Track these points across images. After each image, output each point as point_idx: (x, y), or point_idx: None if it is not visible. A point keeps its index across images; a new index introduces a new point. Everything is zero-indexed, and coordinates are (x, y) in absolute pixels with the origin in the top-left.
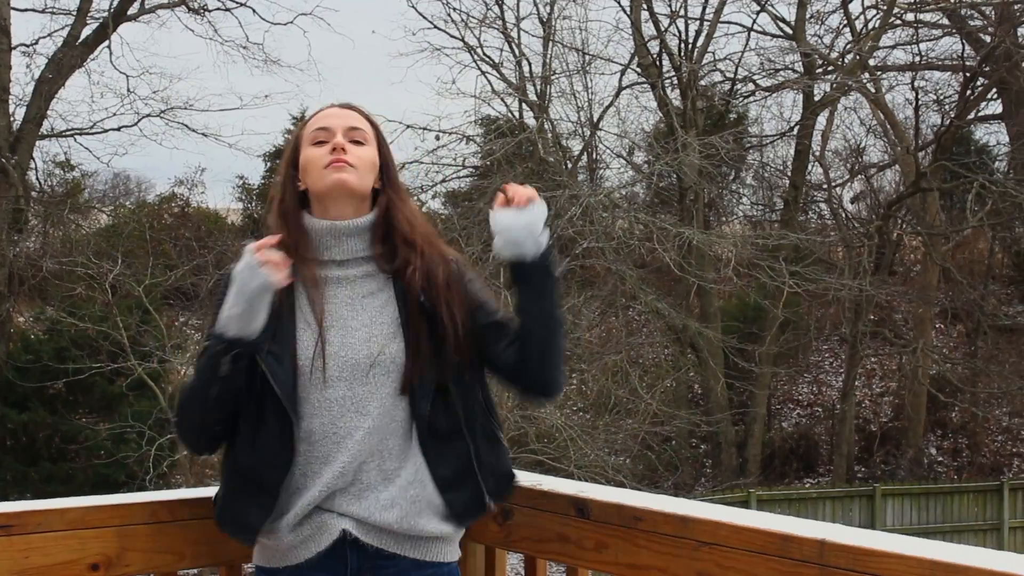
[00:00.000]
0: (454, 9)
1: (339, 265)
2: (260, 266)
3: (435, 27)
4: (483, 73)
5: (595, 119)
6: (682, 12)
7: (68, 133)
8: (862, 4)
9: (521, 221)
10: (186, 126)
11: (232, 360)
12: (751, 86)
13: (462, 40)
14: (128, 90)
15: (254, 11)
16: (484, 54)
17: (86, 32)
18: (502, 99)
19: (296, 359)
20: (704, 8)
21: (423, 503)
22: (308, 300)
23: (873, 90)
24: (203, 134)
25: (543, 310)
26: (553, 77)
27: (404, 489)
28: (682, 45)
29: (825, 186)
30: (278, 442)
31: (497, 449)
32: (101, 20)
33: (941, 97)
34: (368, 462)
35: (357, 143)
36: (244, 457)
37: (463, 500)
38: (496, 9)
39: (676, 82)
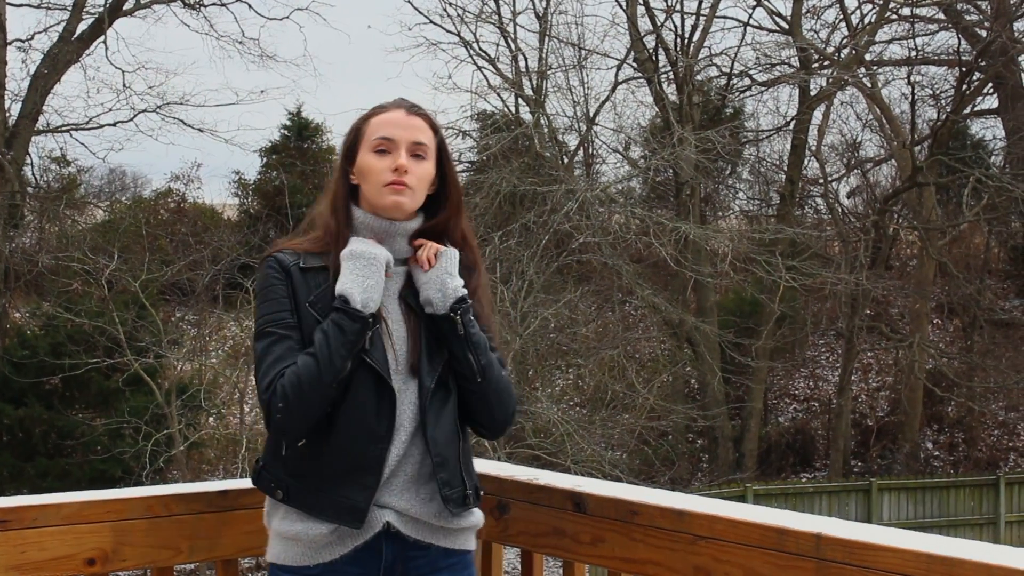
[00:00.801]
0: (450, 4)
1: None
2: (385, 253)
3: (431, 22)
4: (479, 68)
5: (591, 114)
6: (678, 7)
7: (64, 128)
8: None
9: (430, 278)
10: (182, 121)
11: (360, 336)
12: (747, 81)
13: (458, 35)
14: (124, 85)
15: (250, 6)
16: (480, 49)
17: (82, 27)
18: (498, 94)
19: (383, 341)
20: (700, 3)
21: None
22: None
23: (869, 85)
24: (199, 129)
25: (456, 358)
26: (549, 72)
27: (440, 483)
28: (678, 40)
29: (821, 181)
30: (383, 419)
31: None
32: (97, 15)
33: (937, 92)
34: (410, 455)
35: (418, 157)
36: (340, 436)
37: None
38: (492, 4)
39: (672, 77)
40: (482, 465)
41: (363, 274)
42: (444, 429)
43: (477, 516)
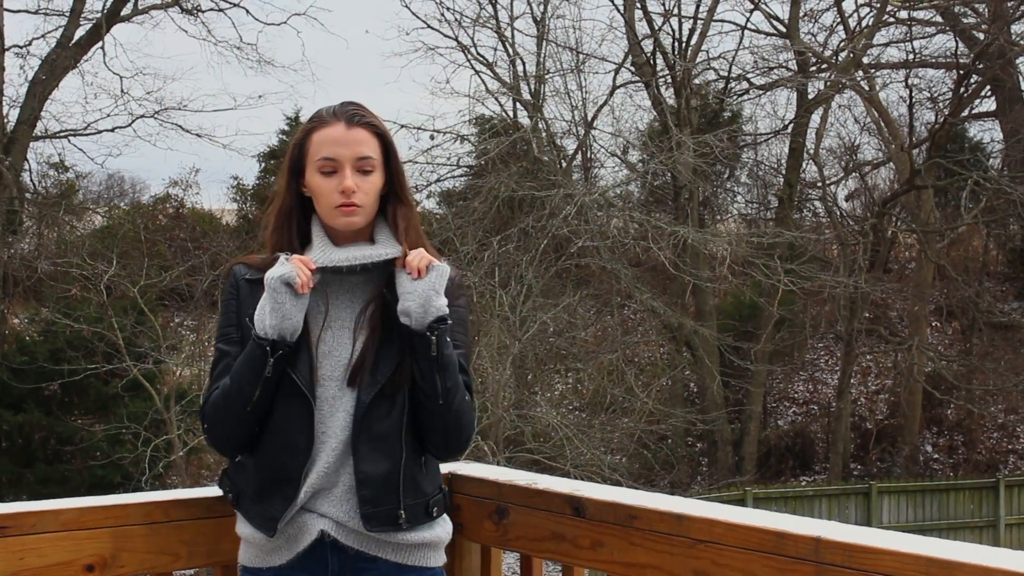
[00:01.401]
0: (448, 9)
1: (335, 271)
2: (289, 273)
3: (429, 27)
4: (477, 72)
5: (589, 118)
6: (676, 11)
7: (62, 134)
8: (855, 2)
9: (415, 289)
10: (180, 127)
11: (275, 362)
12: (745, 84)
13: (456, 40)
14: (122, 91)
15: (247, 11)
16: (478, 53)
17: (79, 33)
18: (496, 98)
19: (311, 354)
20: (698, 6)
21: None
22: (311, 300)
23: (867, 88)
24: (197, 135)
25: (422, 375)
26: (547, 76)
27: (361, 500)
28: (676, 44)
29: (820, 184)
30: (301, 433)
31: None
32: (94, 21)
33: (935, 94)
34: (348, 464)
35: (365, 172)
36: (269, 448)
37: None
38: (490, 8)
39: (670, 81)
40: (480, 470)
41: (267, 300)
42: (378, 444)
43: (436, 531)
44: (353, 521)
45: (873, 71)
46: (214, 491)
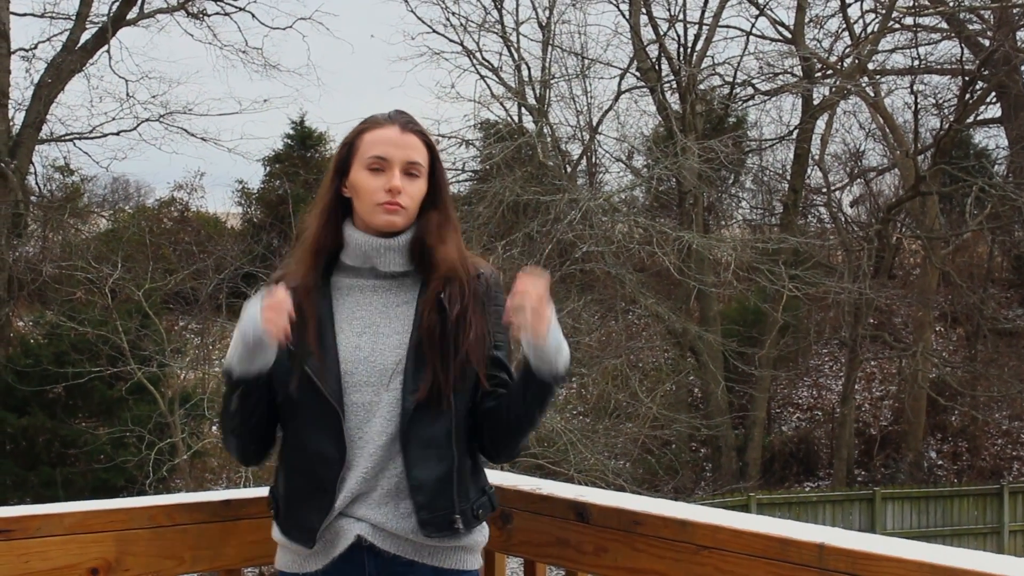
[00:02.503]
0: (453, 14)
1: (376, 275)
2: (263, 318)
3: (434, 31)
4: (482, 77)
5: (594, 123)
6: (681, 16)
7: (67, 138)
8: (861, 8)
9: (548, 343)
10: (185, 130)
11: (239, 397)
12: (750, 90)
13: (461, 44)
14: (127, 94)
15: (253, 16)
16: (483, 58)
17: (85, 37)
18: (501, 103)
19: (339, 362)
20: (703, 12)
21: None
22: (345, 306)
23: (872, 94)
24: (202, 138)
25: (523, 405)
26: (552, 81)
27: (417, 506)
28: (681, 49)
29: (824, 190)
30: (330, 442)
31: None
32: (100, 25)
33: (940, 101)
34: (389, 468)
35: (412, 176)
36: (298, 460)
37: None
38: (495, 13)
39: (675, 86)
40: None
41: (233, 343)
42: (429, 449)
43: (474, 535)
44: (392, 524)
45: (878, 77)
46: (218, 495)
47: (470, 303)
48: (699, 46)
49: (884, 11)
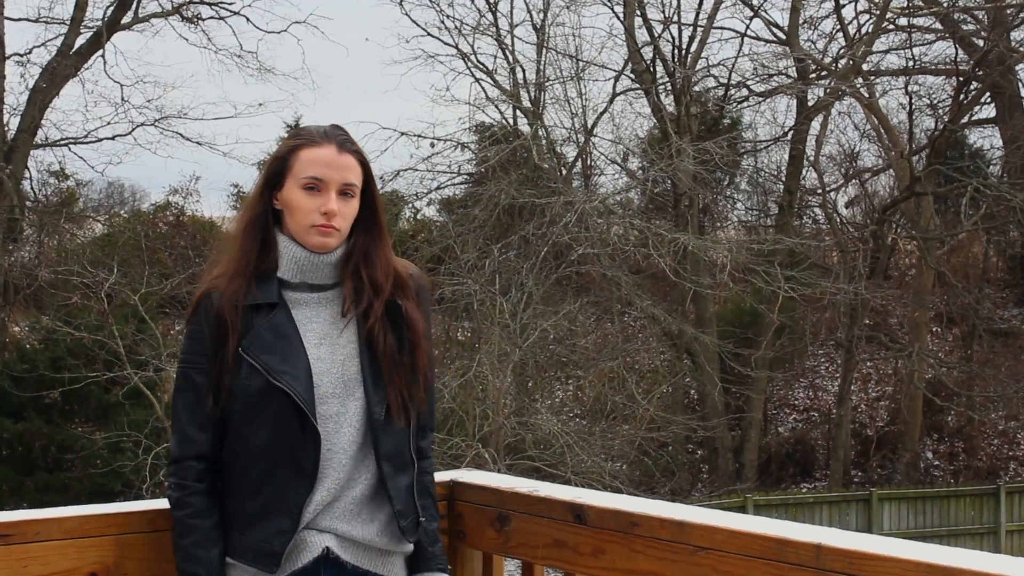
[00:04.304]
0: (448, 17)
1: (310, 288)
2: None
3: (429, 34)
4: (477, 80)
5: (589, 125)
6: (675, 18)
7: (62, 142)
8: (855, 9)
9: None
10: (180, 135)
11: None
12: (745, 91)
13: (456, 47)
14: (122, 99)
15: (248, 20)
16: (478, 61)
17: (80, 41)
18: (496, 106)
19: (311, 376)
20: (697, 14)
21: (396, 520)
22: (298, 319)
23: (867, 95)
24: (197, 143)
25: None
26: (547, 84)
27: (382, 506)
28: (676, 51)
29: (820, 191)
30: (304, 459)
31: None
32: (95, 29)
33: (935, 101)
34: (356, 478)
35: (347, 196)
36: (258, 481)
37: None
38: (489, 16)
39: (670, 88)
40: (482, 477)
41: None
42: (396, 458)
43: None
44: (358, 533)
45: (873, 78)
46: None
47: (419, 317)
48: (693, 48)
49: (878, 12)
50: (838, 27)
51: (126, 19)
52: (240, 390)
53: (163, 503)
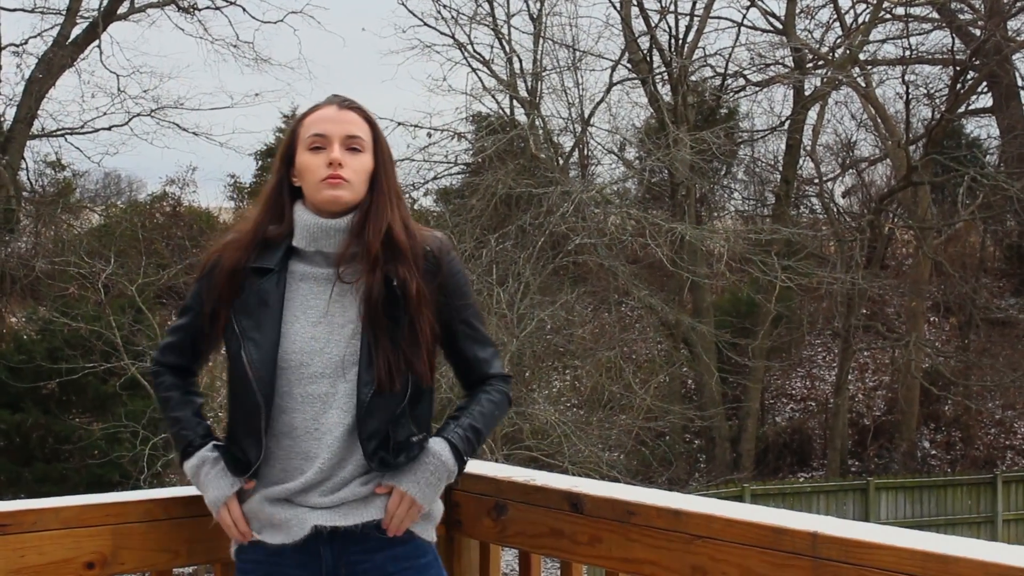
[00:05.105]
0: (444, 6)
1: (326, 259)
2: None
3: (425, 24)
4: (474, 70)
5: (586, 115)
6: (672, 7)
7: (59, 133)
8: None
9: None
10: (177, 125)
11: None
12: (742, 81)
13: (452, 37)
14: (119, 89)
15: (244, 9)
16: (475, 51)
17: (76, 32)
18: (493, 96)
19: (280, 352)
20: (694, 3)
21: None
22: (299, 293)
23: (864, 84)
24: (194, 133)
25: None
26: (544, 73)
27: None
28: (672, 41)
29: (816, 180)
30: (256, 425)
31: None
32: (91, 19)
33: (932, 91)
34: (347, 459)
35: (354, 151)
36: (233, 432)
37: None
38: (486, 6)
39: (667, 77)
40: (479, 467)
41: (208, 493)
42: (382, 434)
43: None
44: (350, 512)
45: (870, 67)
46: None
47: (419, 286)
48: (690, 37)
49: (875, 1)
50: (835, 16)
51: (122, 9)
52: (228, 350)
53: (160, 493)
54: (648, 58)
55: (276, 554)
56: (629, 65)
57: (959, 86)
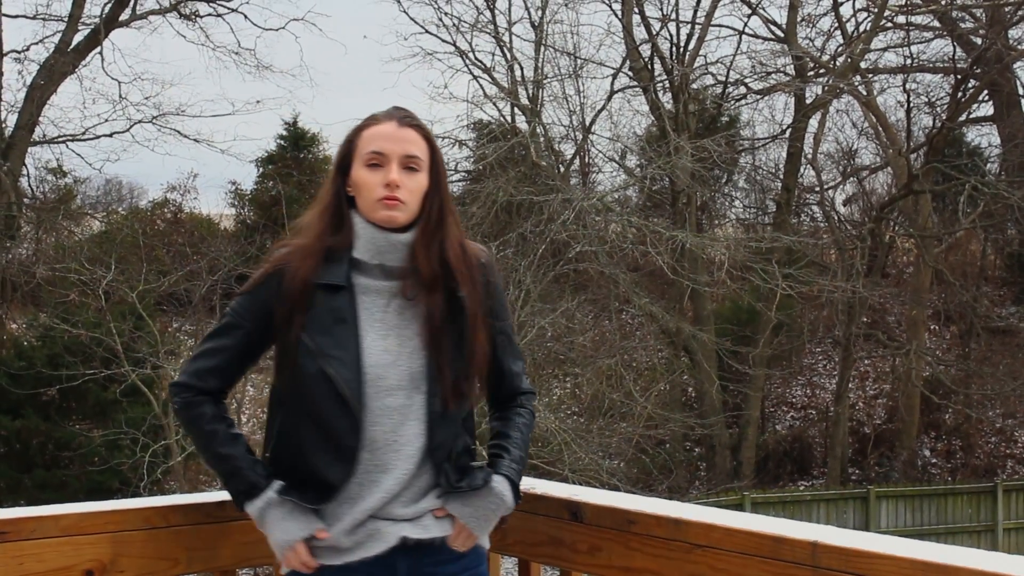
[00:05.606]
0: (446, 14)
1: (385, 272)
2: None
3: (427, 32)
4: (475, 78)
5: (587, 123)
6: (673, 16)
7: (60, 139)
8: (853, 7)
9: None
10: (178, 132)
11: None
12: (743, 89)
13: (454, 45)
14: (120, 96)
15: (246, 17)
16: (476, 59)
17: (78, 38)
18: (494, 103)
19: (362, 365)
20: (695, 12)
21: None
22: (367, 308)
23: (865, 92)
24: (195, 140)
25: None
26: (545, 81)
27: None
28: (673, 49)
29: (817, 188)
30: (342, 447)
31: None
32: (93, 26)
33: (933, 99)
34: (422, 471)
35: (411, 170)
36: (306, 457)
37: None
38: (487, 14)
39: (668, 85)
40: None
41: (276, 535)
42: (446, 448)
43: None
44: (429, 522)
45: (871, 76)
46: (213, 496)
47: (479, 303)
48: (692, 45)
49: (876, 10)
50: (836, 25)
51: (124, 16)
52: (298, 368)
53: (160, 501)
54: (649, 66)
55: (345, 571)
56: (630, 73)
57: (960, 95)
